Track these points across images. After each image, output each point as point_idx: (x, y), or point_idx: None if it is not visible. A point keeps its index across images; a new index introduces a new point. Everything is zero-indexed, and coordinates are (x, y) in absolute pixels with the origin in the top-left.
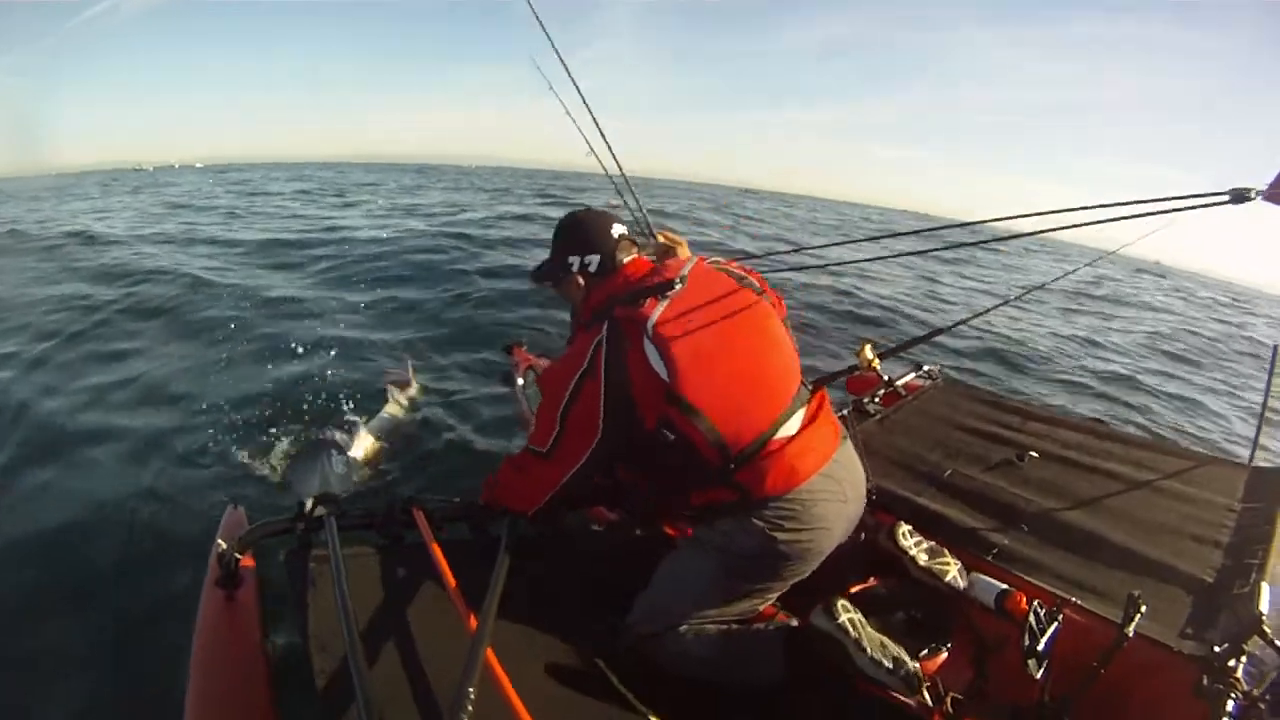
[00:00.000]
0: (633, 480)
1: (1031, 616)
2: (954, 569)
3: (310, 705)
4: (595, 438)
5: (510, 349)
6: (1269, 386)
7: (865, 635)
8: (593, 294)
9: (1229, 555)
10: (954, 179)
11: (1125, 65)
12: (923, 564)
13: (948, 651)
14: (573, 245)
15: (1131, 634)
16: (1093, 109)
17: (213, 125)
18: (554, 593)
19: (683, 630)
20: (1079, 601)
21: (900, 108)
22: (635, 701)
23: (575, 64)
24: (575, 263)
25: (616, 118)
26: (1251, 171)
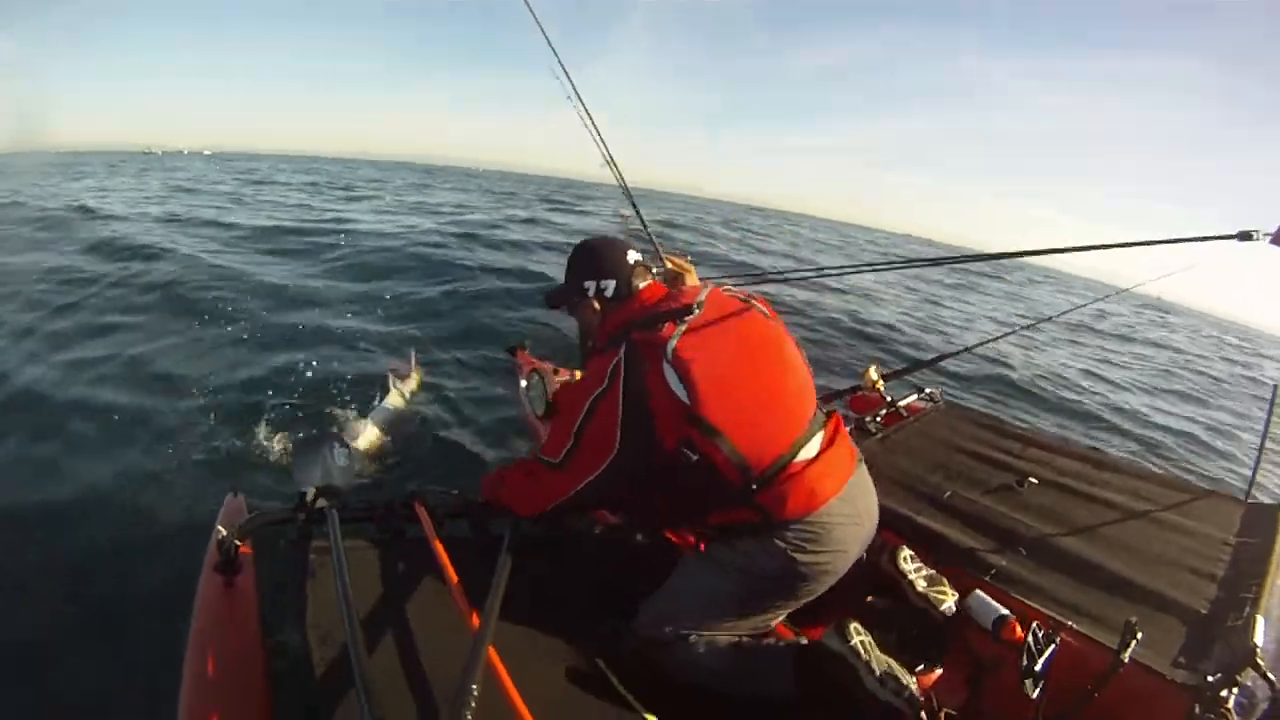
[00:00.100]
0: (646, 499)
1: (1030, 637)
2: (950, 599)
3: (308, 694)
4: (610, 454)
5: (513, 351)
6: (1268, 424)
7: (875, 658)
8: (609, 319)
9: (1224, 588)
10: (955, 205)
11: (1127, 98)
12: (920, 589)
13: (942, 668)
14: (589, 270)
15: (1126, 660)
16: (1095, 139)
17: (222, 114)
18: (556, 593)
19: (693, 640)
20: (1075, 626)
21: (902, 134)
22: (636, 704)
23: (587, 76)
24: (591, 288)
25: (623, 128)
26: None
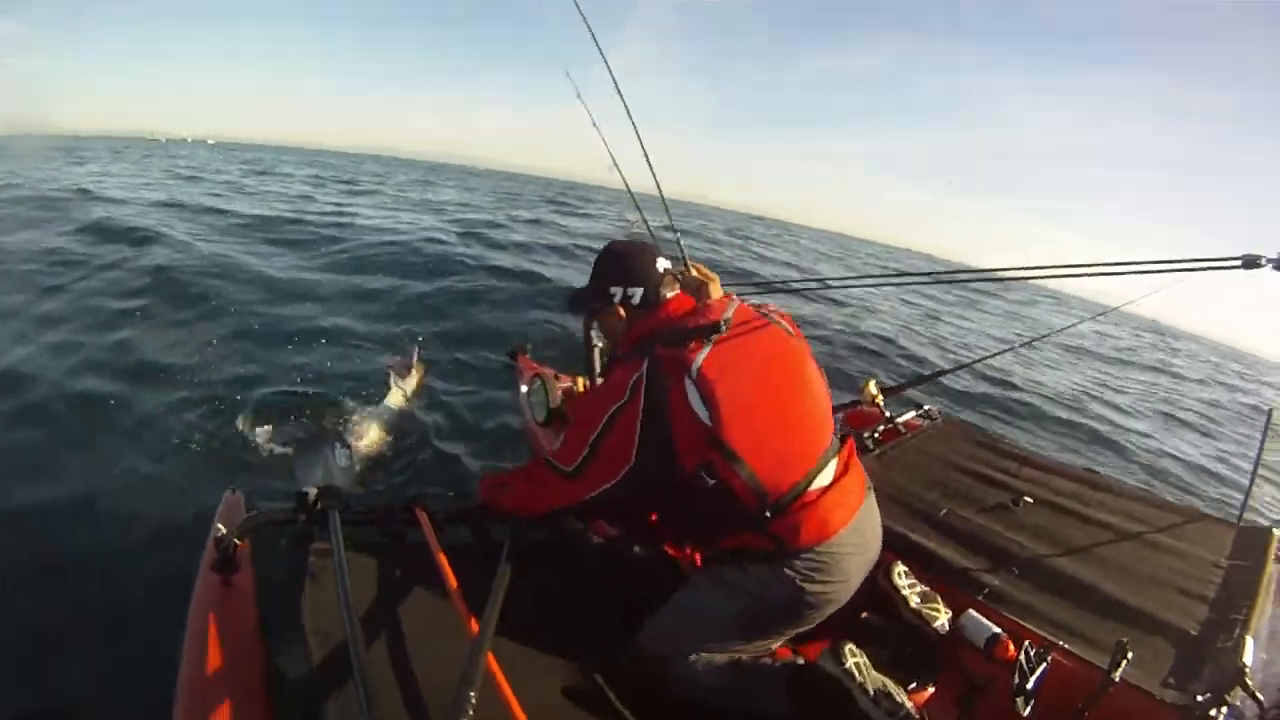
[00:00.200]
0: (648, 514)
1: (1022, 656)
2: (943, 617)
3: (307, 695)
4: (626, 466)
5: (514, 354)
6: (1261, 447)
7: (869, 678)
8: (634, 327)
9: (1215, 609)
10: (953, 222)
11: (1128, 117)
12: (913, 606)
13: (934, 687)
14: (617, 276)
15: (1117, 679)
16: (1095, 159)
17: (229, 105)
18: (555, 602)
19: (692, 659)
20: (1066, 645)
21: (902, 150)
22: (633, 718)
23: (595, 80)
24: (618, 294)
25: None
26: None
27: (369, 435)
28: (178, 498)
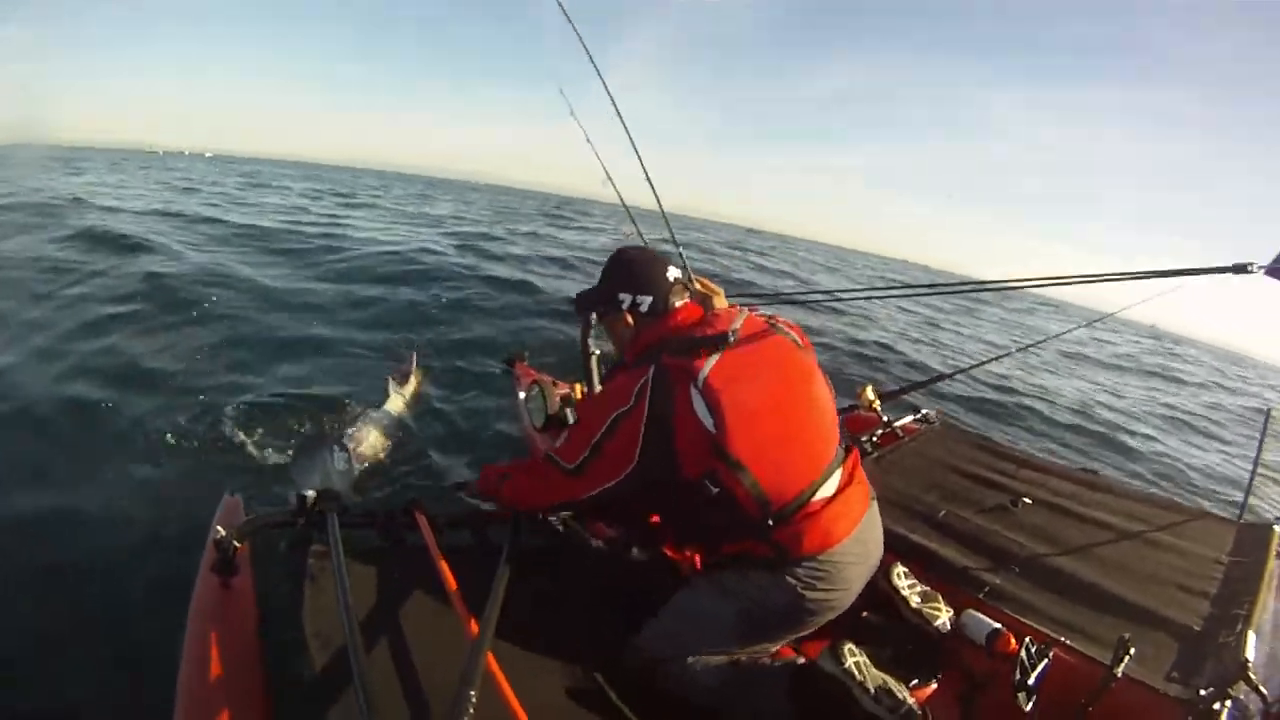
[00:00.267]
0: (649, 517)
1: (1023, 652)
2: (944, 615)
3: (306, 696)
4: (628, 468)
5: (511, 361)
6: (1260, 447)
7: (869, 677)
8: (642, 335)
9: (1216, 605)
10: (953, 235)
11: (1123, 132)
12: (914, 605)
13: (936, 684)
14: (626, 282)
15: (1119, 674)
16: (1091, 172)
17: (225, 118)
18: (554, 603)
19: (691, 660)
20: (1068, 641)
21: (902, 164)
22: (634, 718)
23: (593, 95)
24: (627, 300)
25: (619, 145)
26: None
27: (367, 440)
28: (175, 501)
